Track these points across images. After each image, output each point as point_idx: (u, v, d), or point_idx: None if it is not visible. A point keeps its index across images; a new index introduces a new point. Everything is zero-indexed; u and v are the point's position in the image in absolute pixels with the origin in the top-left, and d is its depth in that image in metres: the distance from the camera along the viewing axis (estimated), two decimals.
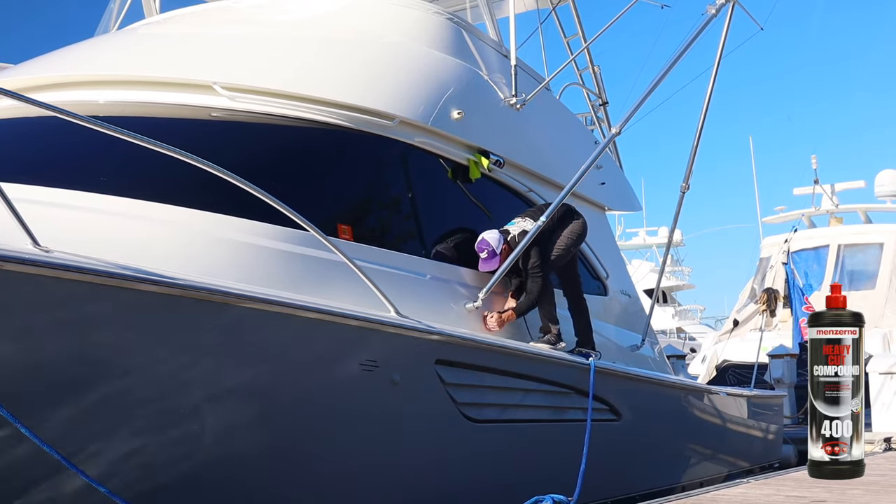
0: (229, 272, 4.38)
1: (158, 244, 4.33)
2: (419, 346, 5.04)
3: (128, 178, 4.74)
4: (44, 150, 5.04)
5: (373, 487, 4.95)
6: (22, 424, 3.31)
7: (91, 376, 3.71)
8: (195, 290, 3.86)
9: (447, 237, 6.27)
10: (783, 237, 17.62)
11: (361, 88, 5.82)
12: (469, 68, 6.73)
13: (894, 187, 19.06)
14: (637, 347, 8.09)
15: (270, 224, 4.72)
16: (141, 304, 3.76)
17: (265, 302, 4.16)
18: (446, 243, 6.22)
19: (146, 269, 3.71)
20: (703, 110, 8.25)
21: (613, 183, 8.65)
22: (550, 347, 6.23)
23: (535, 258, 6.20)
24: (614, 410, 6.76)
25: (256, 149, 5.37)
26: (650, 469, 7.57)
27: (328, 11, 6.76)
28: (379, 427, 4.90)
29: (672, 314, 38.75)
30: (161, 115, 5.38)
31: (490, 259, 6.13)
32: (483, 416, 5.57)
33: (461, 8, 8.58)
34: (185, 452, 4.07)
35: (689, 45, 7.27)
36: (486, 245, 6.11)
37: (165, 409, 3.95)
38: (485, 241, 6.13)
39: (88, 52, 6.30)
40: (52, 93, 5.61)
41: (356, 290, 4.72)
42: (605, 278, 8.08)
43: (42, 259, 3.40)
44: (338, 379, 4.64)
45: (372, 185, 5.92)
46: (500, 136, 6.77)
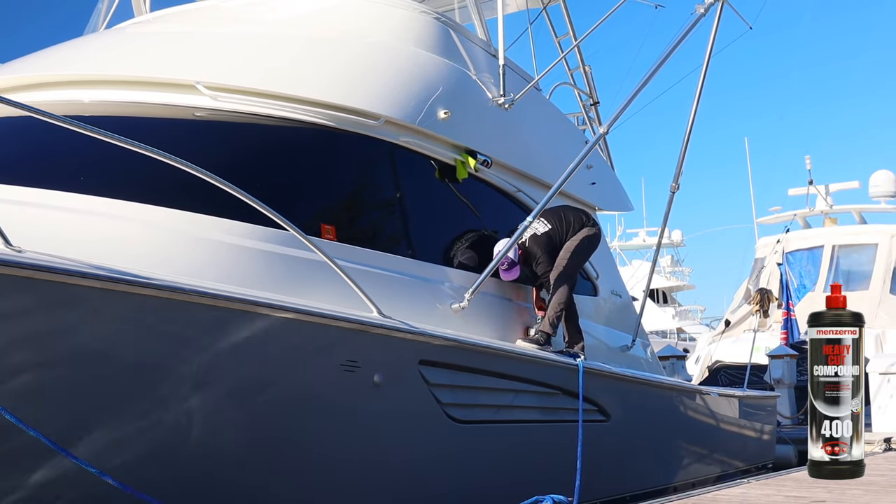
0: (208, 272, 4.35)
1: (136, 244, 4.31)
2: (402, 346, 5.01)
3: (106, 178, 4.71)
4: (21, 149, 5.02)
5: (356, 488, 4.93)
6: (22, 423, 3.30)
7: (65, 377, 3.68)
8: (171, 290, 3.83)
9: (465, 246, 6.31)
10: (776, 238, 17.64)
11: (346, 88, 5.79)
12: (456, 68, 6.70)
13: (888, 188, 19.08)
14: (628, 348, 8.06)
15: (251, 224, 4.70)
16: (117, 305, 3.73)
17: (243, 302, 4.13)
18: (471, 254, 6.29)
19: (121, 270, 3.68)
20: (692, 110, 8.25)
21: (604, 183, 8.62)
22: (537, 348, 6.20)
23: (546, 264, 6.35)
24: (603, 411, 6.73)
25: (239, 148, 5.35)
26: (640, 470, 7.54)
27: (314, 10, 6.73)
28: (361, 427, 4.87)
29: (672, 314, 38.79)
30: (144, 114, 5.36)
31: (511, 269, 6.30)
32: (468, 416, 5.55)
33: (449, 8, 8.55)
34: (163, 452, 4.04)
35: (677, 44, 7.25)
36: (504, 259, 6.20)
37: (141, 410, 3.92)
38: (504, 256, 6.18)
39: (74, 51, 6.27)
40: (36, 92, 5.59)
41: (339, 291, 4.70)
42: (596, 279, 8.06)
43: (13, 259, 3.37)
44: (317, 379, 4.61)
45: (356, 185, 5.89)
46: (487, 136, 6.74)
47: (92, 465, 3.61)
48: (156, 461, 4.04)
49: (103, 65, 5.80)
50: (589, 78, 9.32)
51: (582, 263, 6.73)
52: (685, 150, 8.27)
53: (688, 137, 8.21)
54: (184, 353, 4.03)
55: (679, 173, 8.28)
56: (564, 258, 6.47)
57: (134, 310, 3.80)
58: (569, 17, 8.93)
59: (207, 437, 4.19)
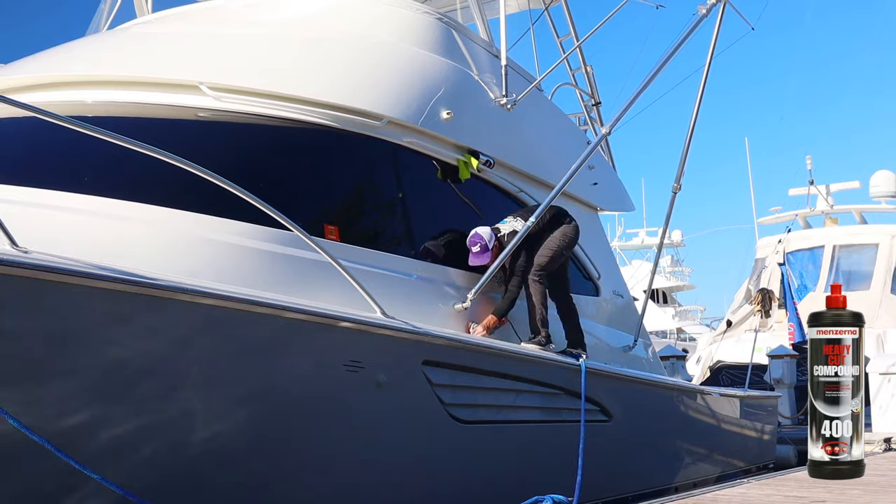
0: (211, 272, 4.36)
1: (140, 244, 4.31)
2: (406, 346, 5.02)
3: (110, 179, 4.72)
4: (26, 150, 5.03)
5: (359, 488, 4.93)
6: (22, 425, 3.30)
7: (70, 375, 3.68)
8: (174, 290, 3.83)
9: (436, 237, 6.25)
10: (778, 238, 17.63)
11: (349, 88, 5.80)
12: (459, 68, 6.71)
13: (889, 188, 19.08)
14: (629, 348, 8.07)
15: (255, 224, 4.70)
16: (122, 305, 3.73)
17: (247, 302, 4.13)
18: (436, 243, 6.19)
19: (126, 270, 3.69)
20: (694, 110, 8.25)
21: (606, 183, 8.62)
22: (540, 348, 6.20)
23: (522, 259, 6.19)
24: (605, 411, 6.74)
25: (243, 149, 5.35)
26: (642, 469, 7.55)
27: (316, 11, 6.74)
28: (365, 427, 4.87)
29: (672, 315, 38.78)
30: (147, 115, 5.36)
31: (482, 253, 6.11)
32: (471, 416, 5.55)
33: (452, 8, 8.56)
34: (166, 451, 4.05)
35: (679, 44, 7.26)
36: (478, 239, 6.10)
37: (142, 410, 3.92)
38: (477, 235, 6.11)
39: (76, 52, 6.28)
40: (40, 93, 5.59)
41: (342, 291, 4.70)
42: (598, 279, 8.06)
43: (19, 260, 3.37)
44: (321, 379, 4.62)
45: (359, 186, 5.90)
46: (490, 137, 6.75)
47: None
48: (157, 461, 4.04)
49: (106, 65, 5.80)
50: (591, 78, 9.33)
51: (559, 260, 6.59)
52: (687, 150, 8.28)
53: (690, 137, 8.22)
54: (186, 354, 4.03)
55: (681, 173, 8.28)
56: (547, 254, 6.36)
57: (137, 310, 3.80)
58: (570, 18, 8.94)
59: (210, 438, 4.19)
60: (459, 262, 6.20)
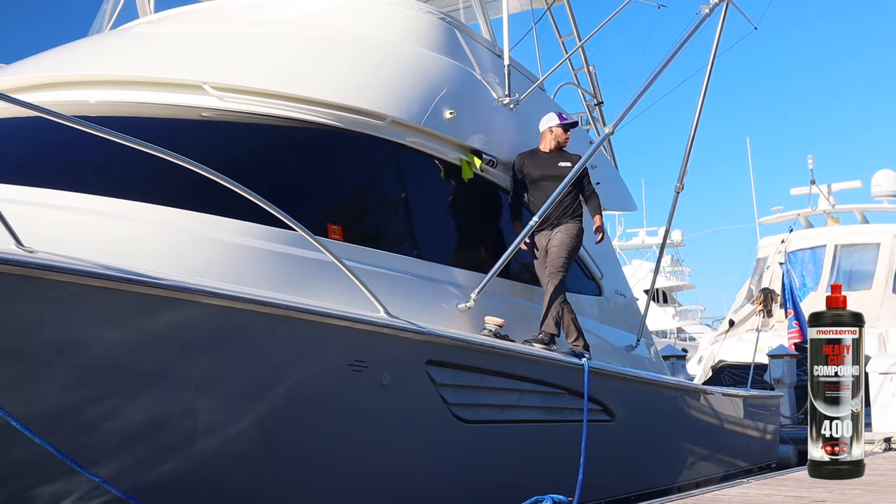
0: (216, 272, 4.36)
1: (144, 244, 4.31)
2: (410, 346, 5.01)
3: (114, 178, 4.72)
4: (31, 150, 5.02)
5: (363, 488, 4.93)
6: (23, 426, 3.30)
7: (75, 376, 3.68)
8: (180, 290, 3.83)
9: (439, 237, 6.26)
10: (780, 237, 17.64)
11: (352, 88, 5.80)
12: (462, 68, 6.71)
13: (891, 187, 19.08)
14: (632, 348, 8.07)
15: (258, 224, 4.70)
16: (126, 305, 3.73)
17: (251, 302, 4.13)
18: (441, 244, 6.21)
19: (130, 270, 3.69)
20: (697, 110, 8.24)
21: (609, 183, 8.61)
22: (543, 348, 6.20)
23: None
24: (608, 411, 6.74)
25: (246, 149, 5.35)
26: (645, 469, 7.55)
27: (320, 11, 6.74)
28: (369, 427, 4.87)
29: (672, 314, 38.79)
30: (151, 114, 5.36)
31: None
32: (474, 416, 5.55)
33: (454, 8, 8.56)
34: (171, 452, 4.04)
35: (682, 44, 7.26)
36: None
37: (150, 410, 3.92)
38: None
39: (79, 52, 6.27)
40: (43, 93, 5.59)
41: (346, 291, 4.70)
42: (600, 278, 8.06)
43: (25, 259, 3.37)
44: (325, 379, 4.62)
45: (363, 186, 5.90)
46: (493, 136, 6.75)
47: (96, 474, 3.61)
48: (160, 462, 4.03)
49: (109, 65, 5.80)
50: (593, 78, 9.34)
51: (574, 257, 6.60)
52: (689, 150, 8.27)
53: (692, 137, 8.21)
54: (190, 354, 4.03)
55: (683, 173, 8.28)
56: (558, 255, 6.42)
57: (142, 310, 3.80)
58: (573, 17, 8.95)
59: (214, 438, 4.19)
60: (463, 262, 6.20)
